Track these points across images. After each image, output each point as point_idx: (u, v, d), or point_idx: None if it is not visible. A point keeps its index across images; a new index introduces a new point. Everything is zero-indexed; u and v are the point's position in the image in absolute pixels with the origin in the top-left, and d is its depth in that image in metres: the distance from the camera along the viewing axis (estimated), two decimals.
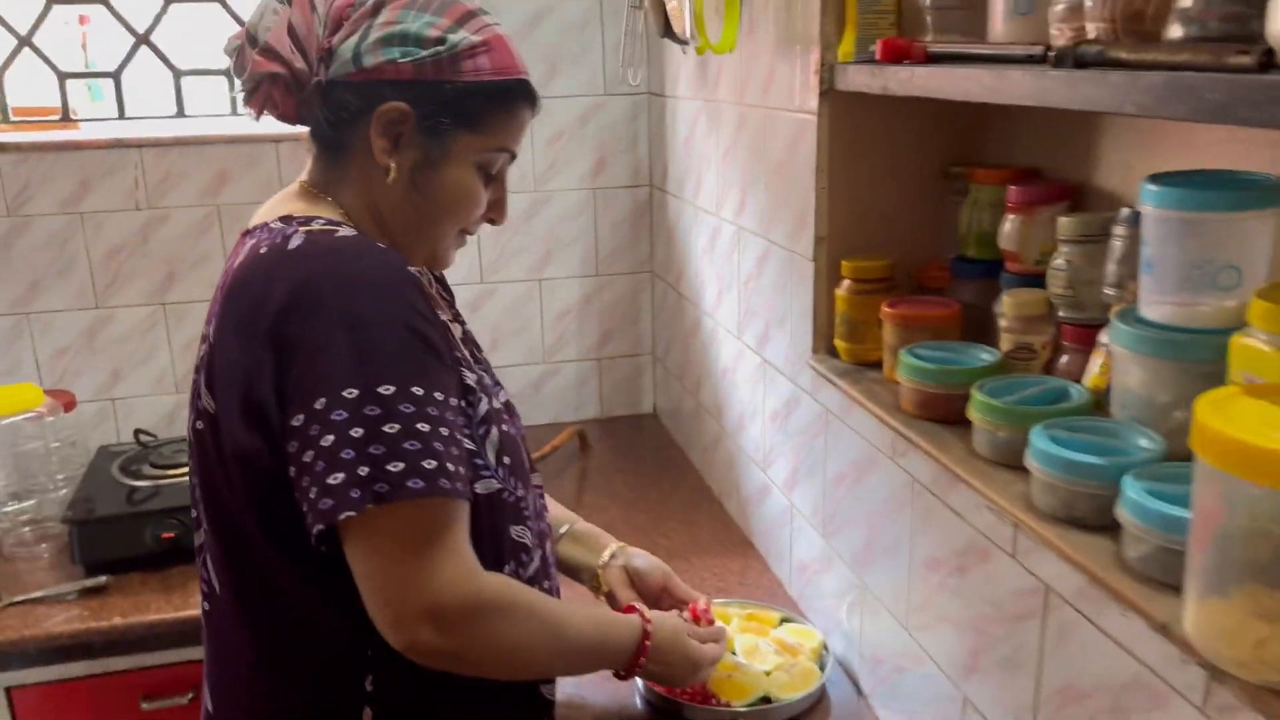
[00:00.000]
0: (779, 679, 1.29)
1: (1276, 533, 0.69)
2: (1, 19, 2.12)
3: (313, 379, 0.94)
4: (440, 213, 1.10)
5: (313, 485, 0.93)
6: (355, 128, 1.06)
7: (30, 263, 2.10)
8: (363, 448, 0.93)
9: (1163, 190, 0.86)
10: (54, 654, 1.62)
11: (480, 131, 1.07)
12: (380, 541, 0.95)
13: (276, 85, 1.05)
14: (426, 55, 1.03)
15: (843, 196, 1.32)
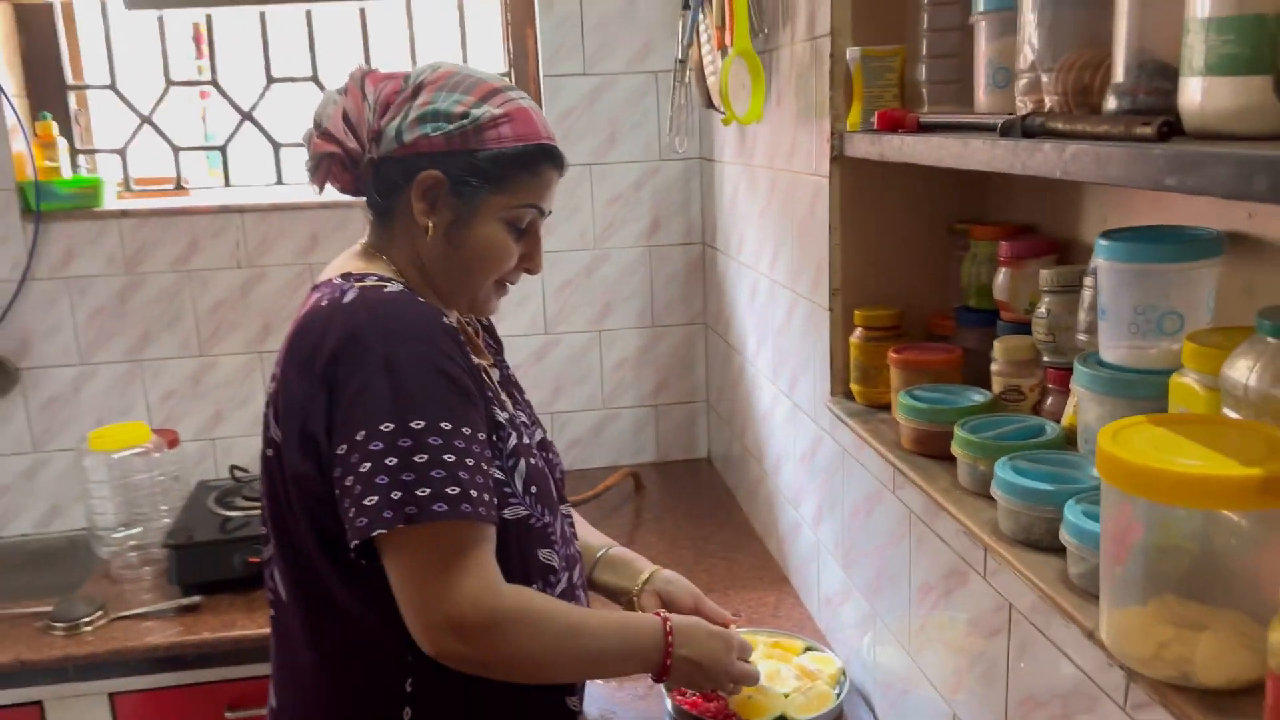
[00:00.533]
0: (796, 701, 1.36)
1: (1190, 549, 0.76)
2: (126, 100, 2.36)
3: (356, 415, 1.07)
4: (474, 265, 1.23)
5: (352, 506, 1.06)
6: (400, 195, 1.20)
7: (143, 315, 2.31)
8: (395, 474, 1.05)
9: (1113, 245, 0.94)
10: (151, 664, 1.78)
11: (506, 191, 1.20)
12: (410, 558, 1.07)
13: (334, 163, 1.21)
14: (454, 128, 1.17)
15: (855, 251, 1.41)
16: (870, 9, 1.34)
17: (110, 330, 2.30)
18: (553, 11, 2.28)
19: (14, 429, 2.32)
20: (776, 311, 1.77)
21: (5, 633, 1.80)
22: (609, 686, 1.48)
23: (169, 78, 2.36)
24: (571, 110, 2.32)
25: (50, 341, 2.29)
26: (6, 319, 2.25)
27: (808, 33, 1.47)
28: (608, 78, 2.32)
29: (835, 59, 1.35)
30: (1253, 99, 0.70)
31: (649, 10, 2.27)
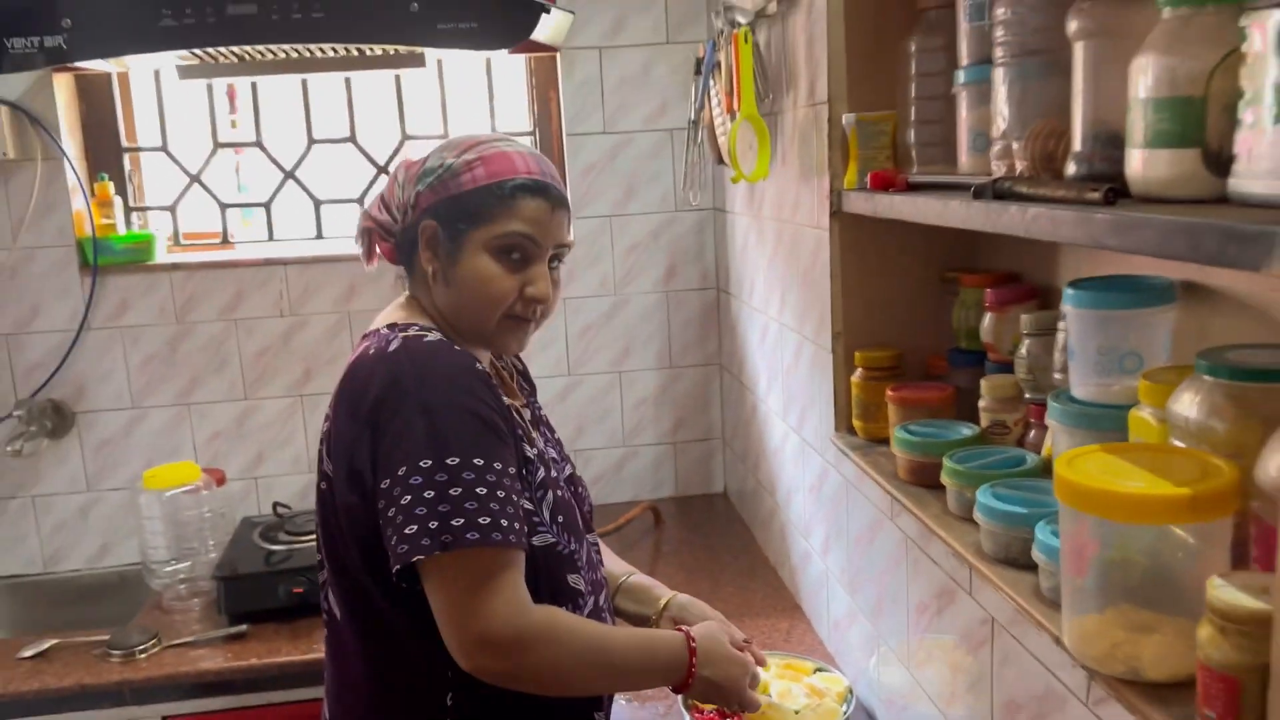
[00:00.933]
0: (806, 717, 1.44)
1: (1142, 562, 0.85)
2: (177, 161, 2.51)
3: (397, 453, 1.18)
4: (470, 298, 1.30)
5: (394, 534, 1.16)
6: (417, 252, 1.32)
7: (192, 361, 2.44)
8: (433, 506, 1.15)
9: (1078, 293, 1.04)
10: (201, 689, 1.88)
11: (485, 222, 1.28)
12: (446, 581, 1.17)
13: (374, 236, 1.34)
14: (434, 179, 1.28)
15: (854, 297, 1.52)
16: (864, 78, 1.46)
17: (161, 376, 2.43)
18: (574, 75, 2.42)
19: (70, 469, 2.44)
20: (785, 353, 1.88)
21: (66, 659, 1.91)
22: (631, 706, 1.57)
23: (216, 140, 2.51)
24: (593, 166, 2.45)
25: (105, 387, 2.42)
26: (65, 366, 2.38)
27: (808, 99, 1.59)
28: (626, 136, 2.45)
29: (833, 123, 1.47)
30: (1185, 169, 0.81)
31: (663, 74, 2.41)
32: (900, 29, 1.40)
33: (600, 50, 2.40)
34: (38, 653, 1.93)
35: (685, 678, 1.32)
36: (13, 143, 2.27)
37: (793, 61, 1.65)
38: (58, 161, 2.32)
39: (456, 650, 1.18)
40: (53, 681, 1.84)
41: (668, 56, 2.40)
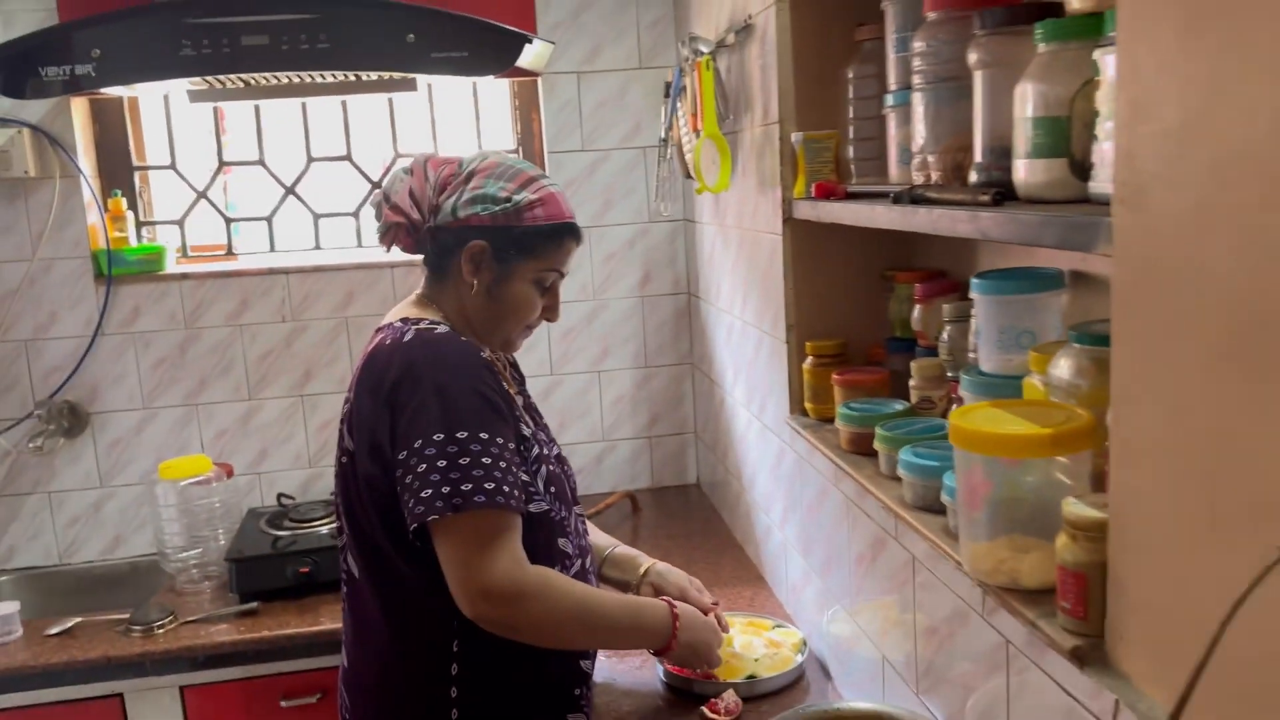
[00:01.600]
0: (764, 663, 1.62)
1: (1028, 498, 1.02)
2: (184, 178, 2.66)
3: (413, 428, 1.34)
4: (508, 314, 1.51)
5: (410, 498, 1.32)
6: (452, 257, 1.49)
7: (200, 365, 2.58)
8: (445, 473, 1.32)
9: (982, 282, 1.22)
10: (215, 660, 2.02)
11: (536, 258, 1.49)
12: (454, 539, 1.34)
13: (400, 230, 1.49)
14: (499, 209, 1.46)
15: (805, 294, 1.69)
16: (810, 101, 1.63)
17: (170, 378, 2.58)
18: (555, 97, 2.59)
19: (84, 466, 2.58)
20: (747, 347, 2.05)
21: (91, 635, 2.05)
22: (611, 658, 1.73)
23: (221, 159, 2.66)
24: (572, 181, 2.62)
25: (117, 389, 2.56)
26: (80, 370, 2.52)
27: (763, 119, 1.77)
28: (603, 153, 2.62)
29: (783, 141, 1.65)
30: (1056, 175, 0.98)
31: (636, 96, 2.58)
32: (841, 58, 1.57)
33: (579, 75, 2.58)
34: (63, 630, 2.07)
35: (669, 642, 1.49)
36: (33, 162, 2.42)
37: (749, 87, 1.83)
38: (74, 179, 2.47)
39: (461, 600, 1.34)
40: (79, 654, 1.98)
41: (641, 81, 2.57)
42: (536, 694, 1.46)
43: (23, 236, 2.47)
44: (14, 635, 2.05)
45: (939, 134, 1.26)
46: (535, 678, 1.47)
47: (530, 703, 1.45)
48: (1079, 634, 0.86)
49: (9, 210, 2.45)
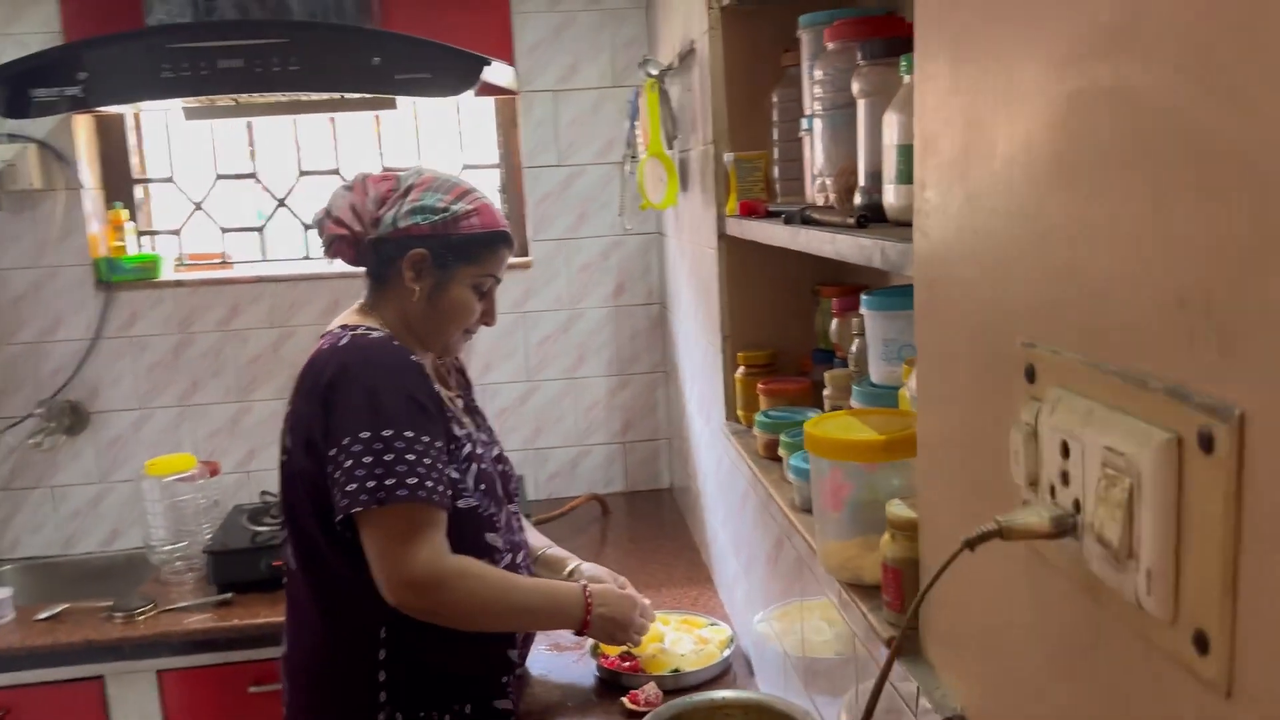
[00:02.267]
0: (689, 658, 1.68)
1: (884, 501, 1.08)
2: (182, 191, 2.77)
3: (344, 425, 1.42)
4: (448, 318, 1.59)
5: (338, 491, 1.40)
6: (393, 266, 1.57)
7: (192, 368, 2.69)
8: (370, 468, 1.40)
9: (867, 298, 1.27)
10: (191, 646, 2.11)
11: (474, 264, 1.57)
12: (378, 531, 1.41)
13: (343, 242, 1.58)
14: (437, 219, 1.54)
15: (739, 307, 1.75)
16: (742, 123, 1.70)
17: (165, 380, 2.68)
18: (532, 114, 2.67)
19: (84, 463, 2.69)
20: (698, 356, 2.12)
21: (76, 620, 2.15)
22: (550, 652, 1.80)
23: (218, 172, 2.77)
24: (548, 195, 2.70)
25: (115, 389, 2.67)
26: (81, 371, 2.64)
27: (703, 140, 1.83)
28: (578, 168, 2.70)
29: (717, 160, 1.71)
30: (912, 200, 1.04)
31: (609, 114, 2.66)
32: (770, 82, 1.64)
33: (555, 93, 2.66)
34: (51, 615, 2.17)
35: (583, 616, 1.56)
36: (38, 175, 2.54)
37: (693, 108, 1.90)
38: (77, 191, 2.58)
39: (385, 589, 1.42)
40: (64, 637, 2.08)
41: (614, 99, 2.65)
42: (464, 680, 1.53)
43: (29, 245, 2.59)
44: (6, 619, 2.15)
45: (834, 158, 1.32)
46: (463, 665, 1.54)
47: (457, 688, 1.53)
48: (896, 625, 0.91)
49: (16, 221, 2.57)
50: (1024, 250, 0.64)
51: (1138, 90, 0.51)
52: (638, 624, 1.61)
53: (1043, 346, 0.62)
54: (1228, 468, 0.45)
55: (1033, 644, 0.66)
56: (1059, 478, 0.58)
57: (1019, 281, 0.65)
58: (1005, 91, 0.65)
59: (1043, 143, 0.60)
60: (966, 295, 0.73)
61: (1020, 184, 0.63)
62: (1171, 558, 0.50)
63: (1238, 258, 0.44)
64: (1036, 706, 0.67)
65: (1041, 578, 0.64)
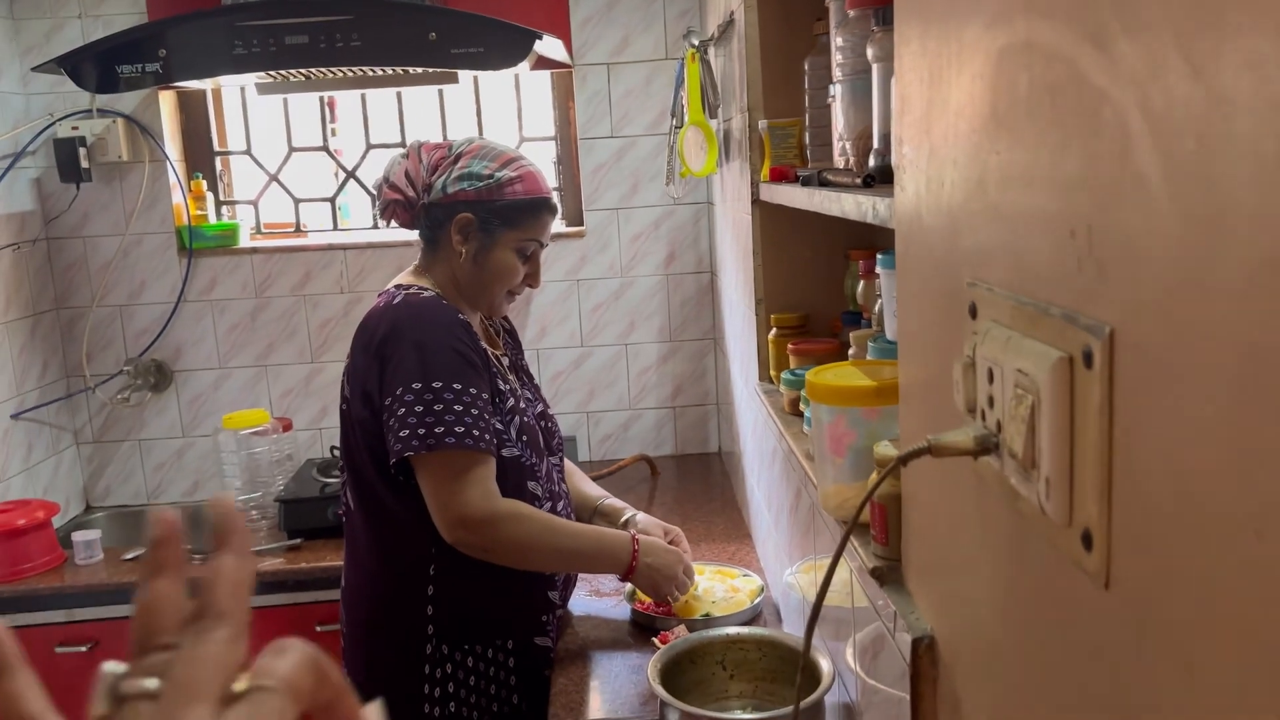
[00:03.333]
0: (720, 605, 1.75)
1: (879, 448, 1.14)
2: (259, 163, 2.92)
3: (396, 377, 1.53)
4: (492, 279, 1.68)
5: (392, 437, 1.51)
6: (443, 230, 1.67)
7: (268, 330, 2.84)
8: (421, 416, 1.50)
9: (884, 256, 1.32)
10: (262, 587, 2.26)
11: (517, 229, 1.66)
12: (431, 473, 1.52)
13: (398, 207, 1.68)
14: (482, 185, 1.63)
15: (773, 270, 1.81)
16: (776, 91, 1.75)
17: (243, 342, 2.84)
18: (586, 87, 2.74)
19: (169, 418, 2.87)
20: (738, 320, 2.18)
21: None
22: (590, 597, 1.89)
23: (291, 145, 2.91)
24: (602, 165, 2.78)
25: (197, 350, 2.84)
26: (165, 332, 2.81)
27: (740, 108, 1.88)
28: (630, 140, 2.76)
29: (752, 128, 1.77)
30: None
31: (662, 85, 2.71)
32: (804, 51, 1.68)
33: (608, 66, 2.72)
34: (136, 556, 2.34)
35: (630, 562, 1.64)
36: (126, 148, 2.70)
37: (732, 77, 1.95)
38: (161, 163, 2.75)
39: (441, 526, 1.52)
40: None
41: (665, 71, 2.70)
42: (507, 617, 1.63)
43: (117, 214, 2.76)
44: (95, 559, 2.33)
45: (852, 122, 1.37)
46: (506, 603, 1.64)
47: (501, 625, 1.63)
48: (881, 557, 0.97)
49: (106, 190, 2.75)
50: (968, 196, 0.69)
51: (1045, 44, 0.56)
52: (680, 580, 1.68)
53: (981, 285, 0.67)
54: (1102, 380, 0.51)
55: (980, 562, 0.72)
56: (987, 402, 0.64)
57: (965, 226, 0.70)
58: (957, 50, 0.71)
59: (980, 96, 0.65)
60: (931, 242, 0.79)
61: (965, 135, 0.69)
62: (1066, 465, 0.55)
63: (1109, 192, 0.49)
64: (985, 619, 0.73)
65: (984, 500, 0.70)
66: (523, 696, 1.64)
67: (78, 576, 2.26)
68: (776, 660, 1.39)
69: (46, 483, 2.69)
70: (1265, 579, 0.38)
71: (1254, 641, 0.39)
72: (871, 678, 1.10)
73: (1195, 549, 0.44)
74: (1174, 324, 0.44)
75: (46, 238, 2.76)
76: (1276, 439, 0.37)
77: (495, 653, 1.62)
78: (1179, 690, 0.45)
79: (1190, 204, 0.42)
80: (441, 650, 1.59)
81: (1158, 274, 0.45)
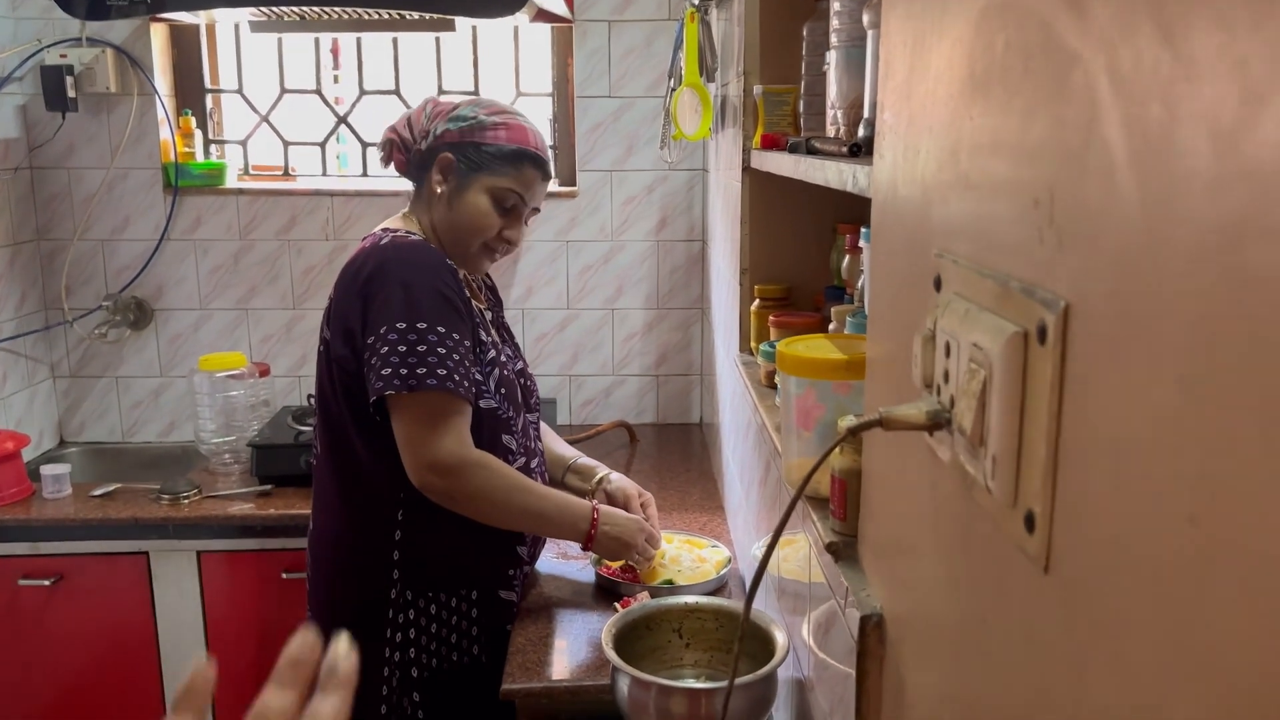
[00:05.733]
0: (685, 574, 1.74)
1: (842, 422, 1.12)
2: (250, 103, 2.88)
3: (380, 316, 1.51)
4: (463, 223, 1.65)
5: (372, 375, 1.49)
6: (428, 172, 1.65)
7: (251, 274, 2.81)
8: (404, 356, 1.48)
9: (865, 231, 1.30)
10: (231, 531, 2.25)
11: (493, 174, 1.63)
12: (407, 415, 1.50)
13: (394, 148, 1.66)
14: (465, 125, 1.61)
15: (760, 240, 1.78)
16: (773, 56, 1.71)
17: (225, 283, 2.81)
18: (586, 44, 2.70)
19: (147, 357, 2.85)
20: (724, 290, 2.15)
21: (126, 500, 2.30)
22: (558, 560, 1.88)
23: (283, 86, 2.86)
24: (599, 125, 2.74)
25: (178, 289, 2.81)
26: (147, 269, 2.78)
27: (736, 72, 1.85)
28: (628, 100, 2.72)
29: (747, 93, 1.73)
30: None
31: (662, 47, 2.67)
32: (805, 17, 1.65)
33: (609, 23, 2.68)
34: (104, 493, 2.33)
35: (589, 530, 1.63)
36: (115, 79, 2.65)
37: (730, 41, 1.91)
38: (150, 97, 2.70)
39: (411, 469, 1.51)
40: (113, 514, 2.24)
41: (668, 31, 2.66)
42: (472, 567, 1.63)
43: (103, 147, 2.72)
44: (64, 493, 2.32)
45: (845, 91, 1.34)
46: (471, 553, 1.63)
47: (465, 575, 1.62)
48: (839, 533, 0.96)
49: (93, 122, 2.70)
50: (941, 164, 0.67)
51: (1024, 5, 0.54)
52: (640, 546, 1.68)
53: (947, 256, 0.65)
54: (1054, 356, 0.49)
55: (930, 541, 0.71)
56: (943, 377, 0.62)
57: (937, 196, 0.68)
58: (940, 12, 0.68)
59: (959, 59, 0.63)
60: (904, 212, 0.77)
61: (942, 100, 0.66)
62: (1014, 445, 0.54)
63: (1073, 159, 0.47)
64: (932, 599, 0.71)
65: (935, 477, 0.68)
66: (482, 649, 1.63)
67: (44, 510, 2.25)
68: (732, 630, 1.39)
69: (20, 415, 2.67)
70: (1196, 569, 0.37)
71: (1184, 635, 0.38)
72: (823, 652, 1.09)
73: (1131, 535, 0.42)
74: (1125, 299, 0.42)
75: (30, 166, 2.72)
76: (1217, 423, 0.36)
77: (459, 602, 1.61)
78: (1108, 682, 0.44)
79: (1150, 172, 0.40)
80: (405, 596, 1.58)
81: (1114, 246, 0.43)
